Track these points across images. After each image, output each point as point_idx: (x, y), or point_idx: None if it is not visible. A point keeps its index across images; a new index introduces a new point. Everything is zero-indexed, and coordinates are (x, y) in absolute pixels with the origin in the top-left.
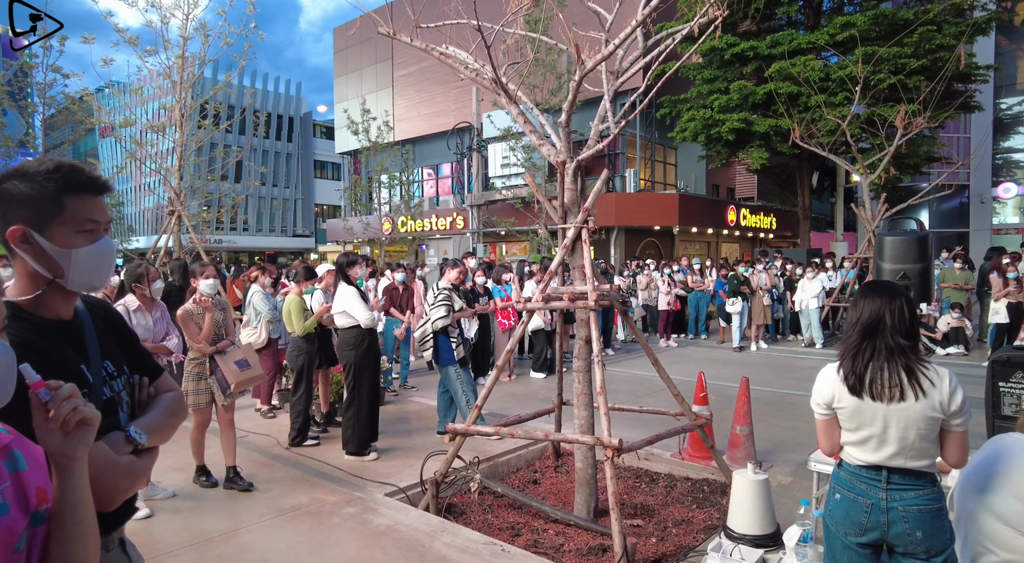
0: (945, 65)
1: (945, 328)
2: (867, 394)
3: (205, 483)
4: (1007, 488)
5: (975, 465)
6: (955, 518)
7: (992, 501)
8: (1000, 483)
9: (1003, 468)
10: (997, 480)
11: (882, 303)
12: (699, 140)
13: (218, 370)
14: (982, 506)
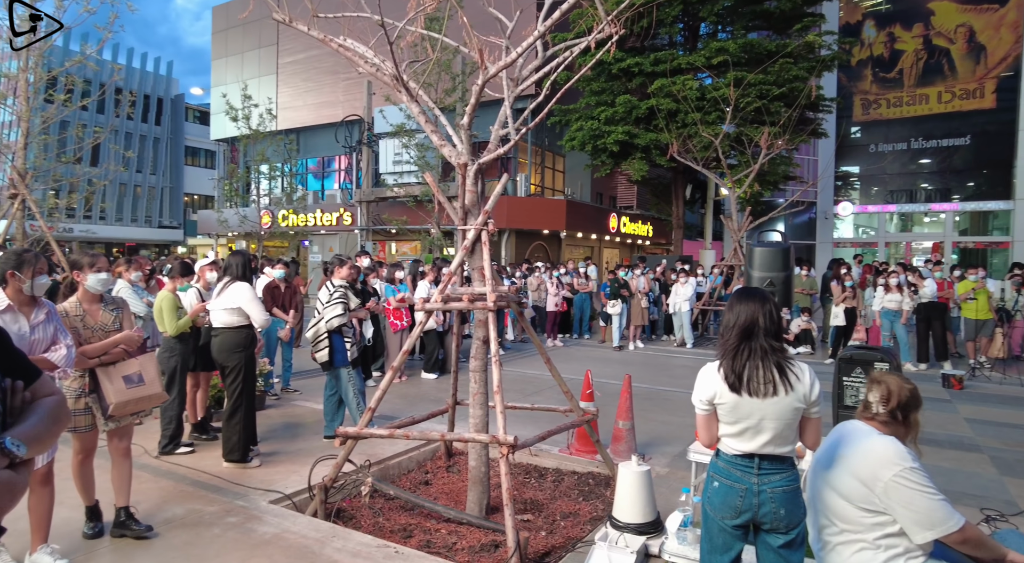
0: (800, 95)
1: (796, 330)
2: (745, 391)
3: (88, 532)
4: (845, 467)
5: (822, 448)
6: (807, 496)
7: (833, 478)
8: (840, 463)
9: (843, 450)
10: (838, 460)
11: (755, 308)
12: (586, 149)
13: (99, 387)
14: (826, 483)
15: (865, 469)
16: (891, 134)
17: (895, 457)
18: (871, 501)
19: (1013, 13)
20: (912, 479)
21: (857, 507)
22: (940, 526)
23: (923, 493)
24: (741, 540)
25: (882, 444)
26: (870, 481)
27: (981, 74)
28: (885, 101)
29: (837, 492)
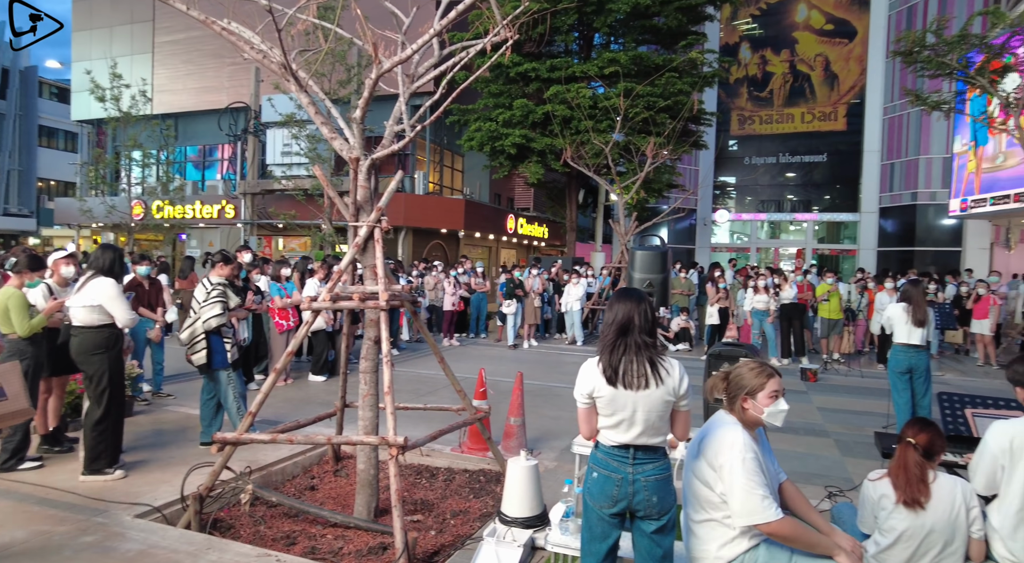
0: (684, 108)
1: (676, 328)
2: (621, 384)
3: None
4: (703, 453)
5: (693, 439)
6: (682, 483)
7: (696, 466)
8: (701, 450)
9: (704, 438)
10: (701, 448)
11: (632, 307)
12: (485, 150)
13: None
14: (691, 471)
15: (712, 454)
16: (763, 148)
17: (731, 445)
18: (717, 483)
19: (859, 48)
20: (737, 469)
21: (711, 489)
22: (752, 516)
23: (743, 484)
24: (618, 528)
25: (724, 432)
26: (715, 466)
27: (835, 99)
28: (758, 118)
29: (697, 476)
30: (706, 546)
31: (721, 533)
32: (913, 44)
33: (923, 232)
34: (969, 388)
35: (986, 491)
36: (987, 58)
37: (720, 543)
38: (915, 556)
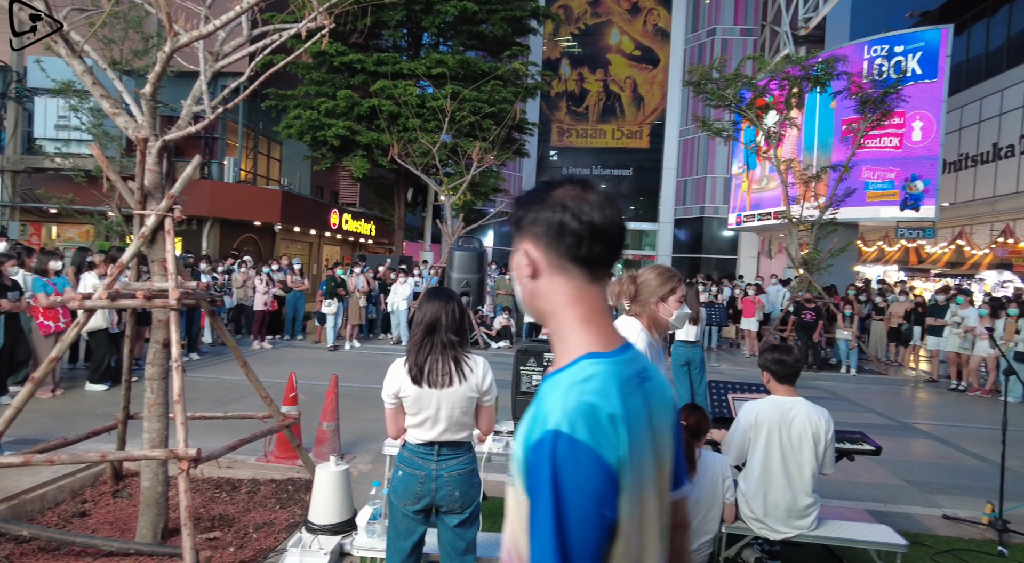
0: (507, 115)
1: (498, 327)
2: (426, 383)
3: None
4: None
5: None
6: None
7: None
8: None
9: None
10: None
11: (440, 306)
12: (305, 140)
13: None
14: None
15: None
16: (580, 160)
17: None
18: None
19: (661, 75)
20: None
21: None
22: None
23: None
24: (423, 524)
25: (636, 338)
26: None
27: (640, 119)
28: (575, 131)
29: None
30: None
31: None
32: (701, 77)
33: (708, 241)
34: (737, 376)
35: (737, 461)
36: (754, 96)
37: None
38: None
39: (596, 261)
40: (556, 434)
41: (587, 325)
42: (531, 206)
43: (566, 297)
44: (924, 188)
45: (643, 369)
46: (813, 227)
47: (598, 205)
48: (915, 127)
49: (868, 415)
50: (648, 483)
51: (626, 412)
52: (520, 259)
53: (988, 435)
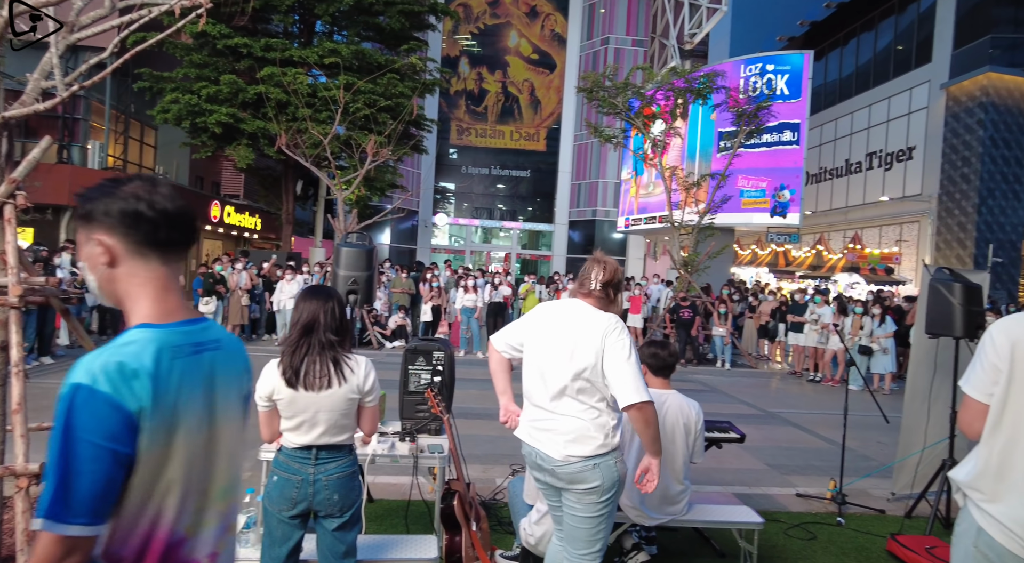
0: (404, 110)
1: (393, 326)
2: (301, 385)
3: None
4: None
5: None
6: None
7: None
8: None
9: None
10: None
11: (318, 305)
12: (183, 126)
13: None
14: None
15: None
16: (478, 159)
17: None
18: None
19: (557, 80)
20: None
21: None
22: (639, 393)
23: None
24: (299, 529)
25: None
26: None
27: (538, 123)
28: (475, 130)
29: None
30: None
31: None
32: (593, 84)
33: (600, 243)
34: None
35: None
36: (642, 105)
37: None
38: None
39: (171, 245)
40: (77, 387)
41: (152, 302)
42: (101, 199)
43: (140, 279)
44: (791, 197)
45: (207, 341)
46: (693, 231)
47: (169, 197)
48: (783, 141)
49: (739, 406)
50: (184, 431)
51: (156, 370)
52: (93, 249)
53: (836, 420)
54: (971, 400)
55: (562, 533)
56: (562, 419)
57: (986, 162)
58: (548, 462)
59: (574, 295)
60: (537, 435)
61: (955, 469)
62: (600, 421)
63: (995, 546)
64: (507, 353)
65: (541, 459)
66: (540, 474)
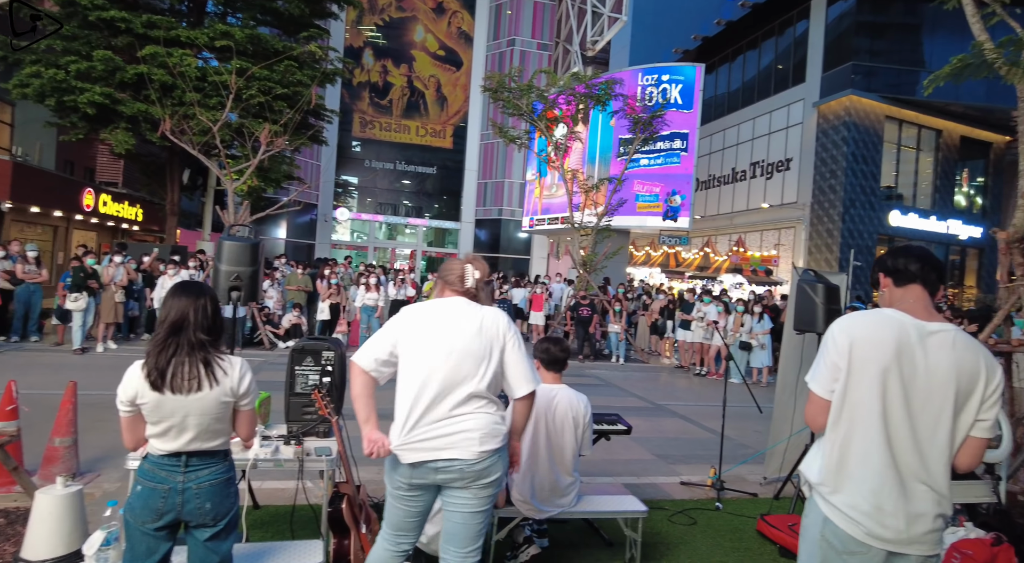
0: (302, 99)
1: (287, 325)
2: (168, 388)
3: None
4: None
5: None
6: None
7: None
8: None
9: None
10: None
11: (188, 303)
12: (48, 103)
13: None
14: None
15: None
16: (383, 153)
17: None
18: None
19: (464, 78)
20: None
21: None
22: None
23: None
24: (166, 541)
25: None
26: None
27: (444, 120)
28: (379, 124)
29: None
30: None
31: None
32: (498, 85)
33: (506, 242)
34: None
35: None
36: (545, 108)
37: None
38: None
39: None
40: None
41: None
42: None
43: None
44: (681, 202)
45: None
46: (592, 232)
47: None
48: (676, 148)
49: (631, 399)
50: None
51: None
52: None
53: (718, 411)
54: (815, 396)
55: (405, 534)
56: (472, 418)
57: (848, 175)
58: (454, 466)
59: (446, 293)
60: (441, 443)
61: (804, 464)
62: (501, 413)
63: (839, 532)
64: (376, 371)
65: (444, 468)
66: (427, 481)
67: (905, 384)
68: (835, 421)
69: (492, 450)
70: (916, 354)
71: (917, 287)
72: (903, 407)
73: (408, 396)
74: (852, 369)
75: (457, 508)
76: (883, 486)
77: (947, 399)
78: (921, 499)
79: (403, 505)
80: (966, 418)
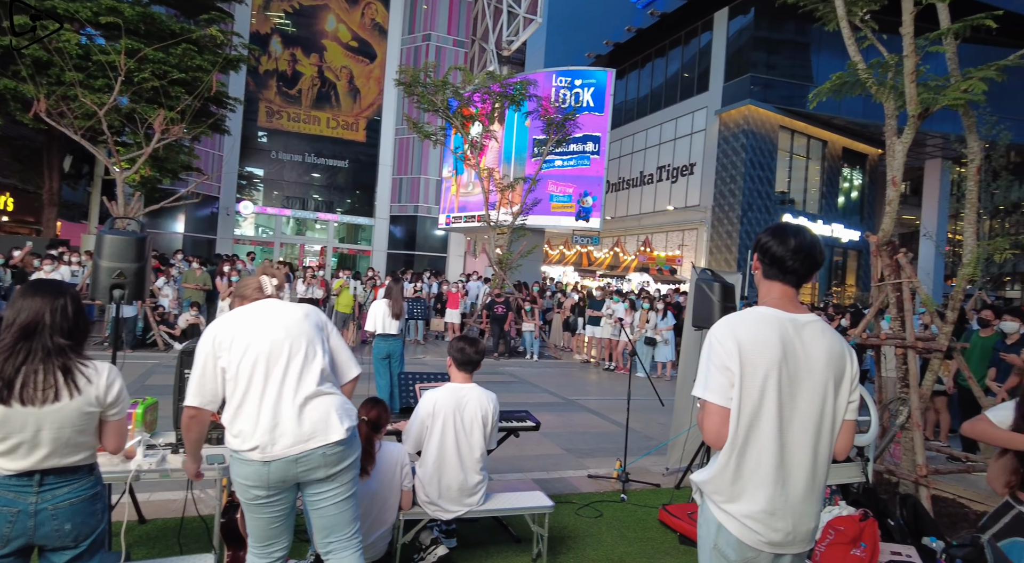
0: (202, 85)
1: (184, 325)
2: (16, 400)
3: None
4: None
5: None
6: None
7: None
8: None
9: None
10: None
11: (43, 303)
12: None
13: None
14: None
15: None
16: (291, 145)
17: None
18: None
19: (378, 70)
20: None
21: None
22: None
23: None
24: None
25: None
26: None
27: (357, 112)
28: (287, 114)
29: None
30: None
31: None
32: (412, 79)
33: (422, 239)
34: (440, 367)
35: (415, 449)
36: (460, 105)
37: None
38: (363, 515)
39: None
40: None
41: None
42: None
43: None
44: (593, 203)
45: None
46: (508, 231)
47: None
48: (588, 151)
49: (543, 395)
50: None
51: None
52: None
53: (624, 405)
54: (713, 406)
55: (274, 542)
56: (323, 400)
57: (747, 180)
58: (315, 453)
59: (254, 299)
60: (302, 433)
61: (697, 473)
62: (343, 395)
63: (731, 540)
64: (211, 404)
65: (304, 458)
66: (287, 476)
67: (792, 381)
68: (731, 429)
69: (350, 429)
70: (797, 348)
71: (782, 285)
72: (792, 404)
73: (247, 396)
74: (744, 372)
75: (327, 501)
76: (776, 490)
77: (828, 388)
78: (809, 498)
79: (265, 513)
80: (841, 402)
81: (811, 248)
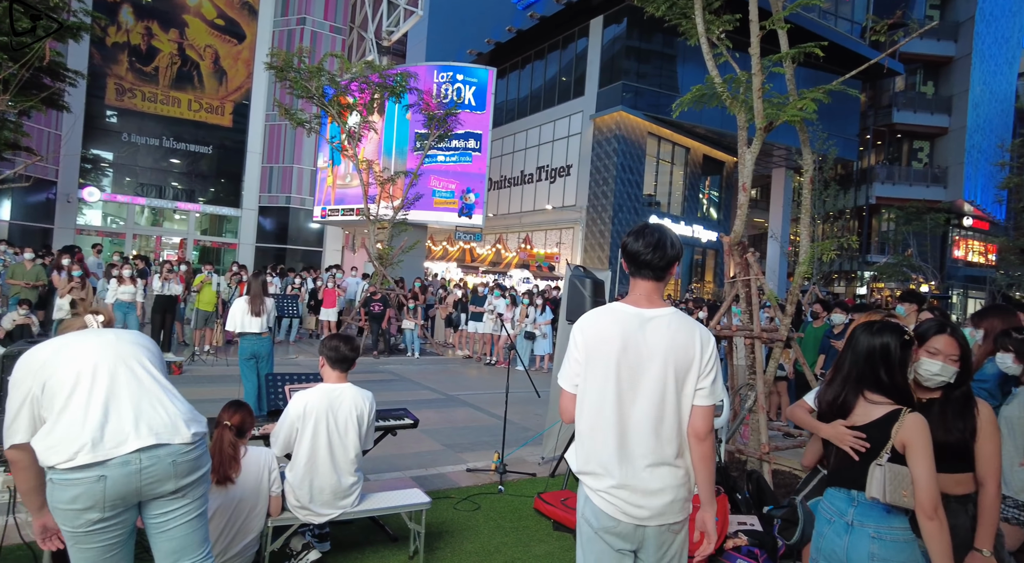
0: (32, 53)
1: (10, 325)
2: None
3: None
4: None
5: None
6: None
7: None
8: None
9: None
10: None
11: None
12: None
13: None
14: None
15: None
16: (145, 127)
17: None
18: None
19: (247, 52)
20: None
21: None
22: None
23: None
24: None
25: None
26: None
27: (223, 95)
28: (141, 93)
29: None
30: None
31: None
32: (284, 63)
33: (295, 232)
34: (312, 367)
35: (284, 452)
36: (337, 93)
37: None
38: (228, 524)
39: None
40: None
41: None
42: None
43: None
44: (475, 200)
45: None
46: (389, 225)
47: None
48: (470, 148)
49: (424, 392)
50: None
51: None
52: None
53: (504, 398)
54: (565, 392)
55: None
56: (165, 402)
57: (618, 183)
58: (168, 463)
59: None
60: (140, 431)
61: (568, 453)
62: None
63: (595, 509)
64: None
65: (148, 468)
66: (128, 490)
67: (633, 371)
68: (580, 413)
69: (197, 434)
70: (639, 341)
71: (644, 281)
72: (632, 392)
73: (71, 400)
74: (589, 363)
75: (176, 520)
76: (623, 468)
77: (668, 376)
78: (659, 476)
79: (98, 541)
80: (688, 389)
81: (662, 243)
